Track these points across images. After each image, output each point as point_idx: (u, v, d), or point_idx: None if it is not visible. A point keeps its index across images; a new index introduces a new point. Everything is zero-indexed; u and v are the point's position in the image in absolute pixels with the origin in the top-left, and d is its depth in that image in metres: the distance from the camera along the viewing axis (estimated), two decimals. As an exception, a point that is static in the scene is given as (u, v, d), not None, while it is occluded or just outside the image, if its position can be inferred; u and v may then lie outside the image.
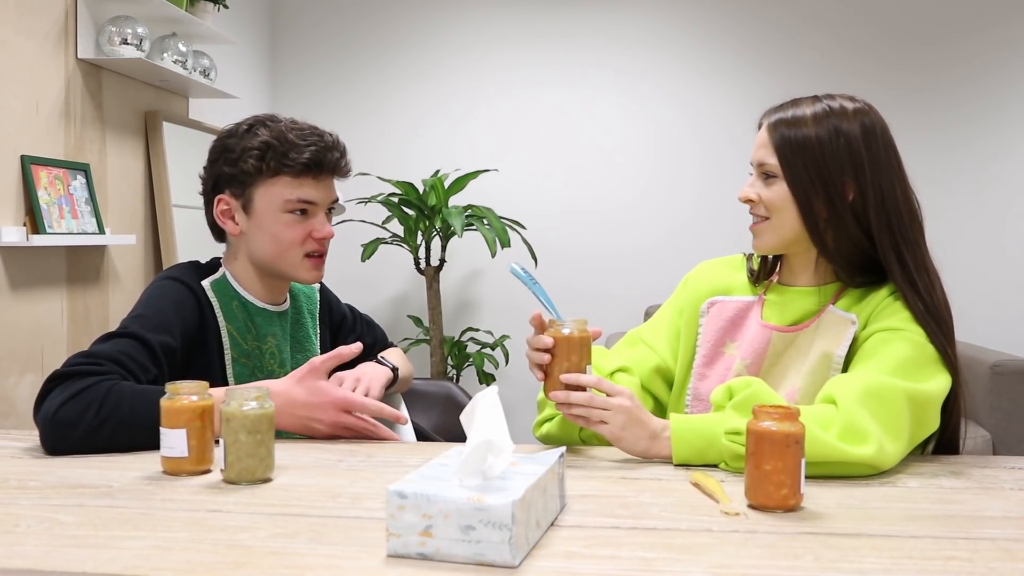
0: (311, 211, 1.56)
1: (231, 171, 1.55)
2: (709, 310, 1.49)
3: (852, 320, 1.33)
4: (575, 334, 1.26)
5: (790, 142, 1.34)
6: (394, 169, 4.06)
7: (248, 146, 1.53)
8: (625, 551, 0.90)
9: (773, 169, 1.36)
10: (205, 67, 3.19)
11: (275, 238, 1.55)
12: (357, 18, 4.26)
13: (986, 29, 3.97)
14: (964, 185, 4.01)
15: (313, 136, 1.55)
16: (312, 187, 1.55)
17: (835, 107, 1.35)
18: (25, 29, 2.45)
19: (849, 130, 1.33)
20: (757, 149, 1.39)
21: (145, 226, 3.06)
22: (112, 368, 1.37)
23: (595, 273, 4.13)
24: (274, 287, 1.63)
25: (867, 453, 1.16)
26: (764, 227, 1.39)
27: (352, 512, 1.04)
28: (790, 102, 1.39)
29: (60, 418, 1.30)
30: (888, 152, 1.36)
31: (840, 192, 1.33)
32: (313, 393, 1.42)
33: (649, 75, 4.13)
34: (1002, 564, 0.87)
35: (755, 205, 1.40)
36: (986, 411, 3.36)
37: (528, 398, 3.87)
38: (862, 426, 1.17)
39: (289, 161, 1.52)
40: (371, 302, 4.15)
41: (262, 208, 1.55)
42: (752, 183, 1.40)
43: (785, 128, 1.35)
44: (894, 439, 1.20)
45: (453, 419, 1.92)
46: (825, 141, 1.33)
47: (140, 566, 0.86)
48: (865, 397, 1.20)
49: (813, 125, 1.33)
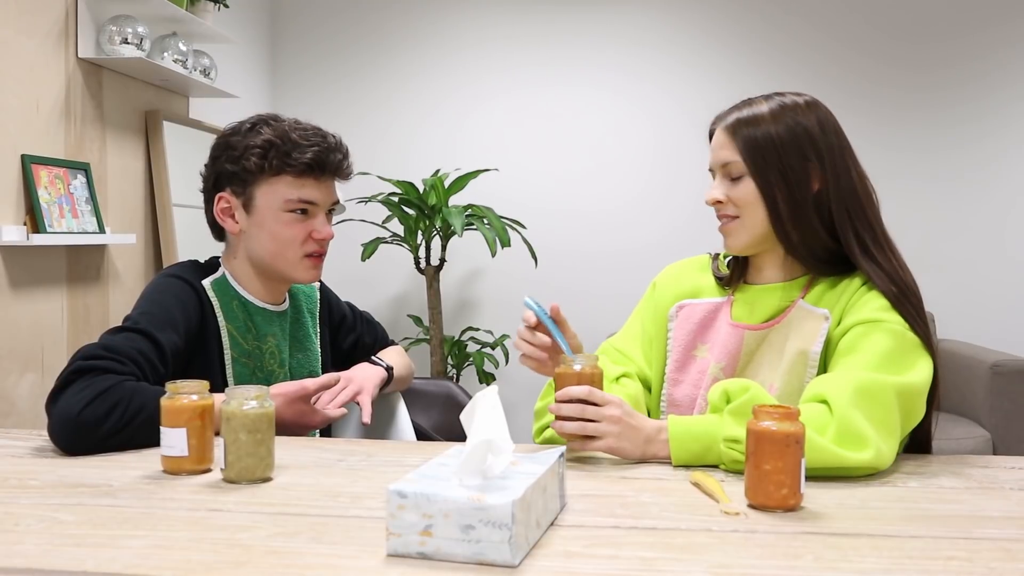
0: (312, 211, 1.56)
1: (233, 168, 1.55)
2: (678, 314, 1.50)
3: (825, 316, 1.34)
4: (586, 370, 1.27)
5: (753, 140, 1.36)
6: (394, 168, 4.06)
7: (251, 144, 1.53)
8: (625, 551, 0.90)
9: (738, 168, 1.38)
10: (205, 66, 3.19)
11: (275, 237, 1.55)
12: (357, 17, 4.26)
13: (986, 28, 3.97)
14: (965, 184, 4.01)
15: (316, 137, 1.55)
16: (313, 187, 1.55)
17: (788, 103, 1.38)
18: (25, 28, 2.45)
19: (806, 123, 1.37)
20: (718, 151, 1.40)
21: (145, 225, 3.06)
22: (131, 368, 1.37)
23: (595, 272, 4.13)
24: (272, 287, 1.63)
25: (865, 458, 1.16)
26: (735, 226, 1.41)
27: (352, 511, 1.04)
28: (743, 103, 1.42)
29: (85, 418, 1.28)
30: (840, 140, 1.40)
31: (803, 184, 1.36)
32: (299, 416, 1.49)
33: (649, 74, 4.13)
34: (1002, 564, 0.87)
35: (723, 206, 1.41)
36: (986, 411, 3.36)
37: (528, 398, 3.87)
38: (858, 430, 1.17)
39: (291, 161, 1.52)
40: (371, 302, 4.15)
41: (263, 207, 1.55)
42: (716, 185, 1.42)
43: (746, 128, 1.37)
44: (888, 437, 1.20)
45: (453, 419, 1.93)
46: (785, 135, 1.36)
47: (140, 565, 0.86)
48: (857, 397, 1.20)
49: (772, 121, 1.37)
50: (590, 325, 3.97)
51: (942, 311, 3.91)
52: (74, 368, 1.33)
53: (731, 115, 1.40)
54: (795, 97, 1.40)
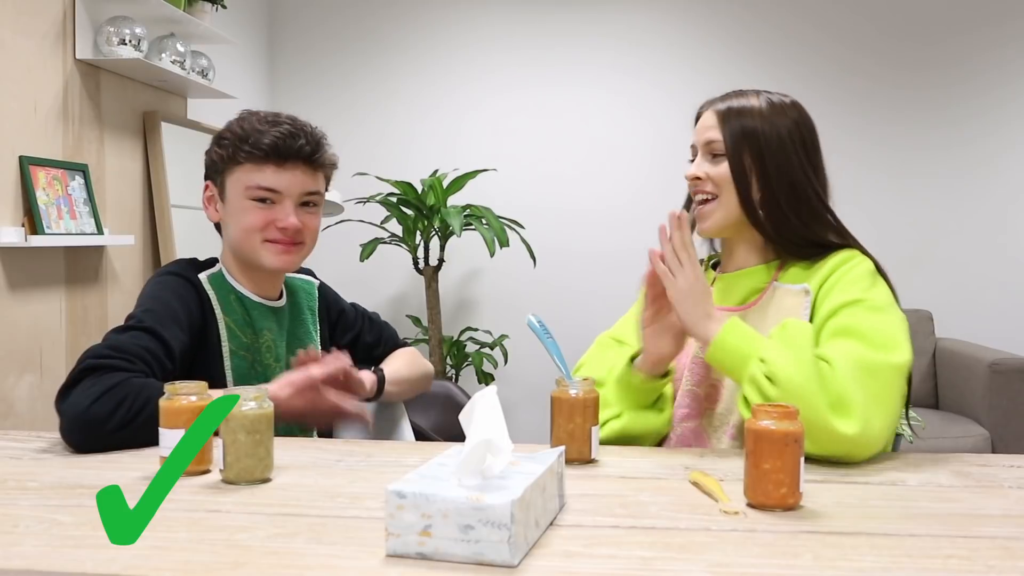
0: (276, 199, 1.55)
1: (207, 160, 1.60)
2: None
3: (804, 290, 1.38)
4: (580, 395, 1.27)
5: (740, 126, 1.42)
6: (392, 169, 4.06)
7: (219, 134, 1.57)
8: (624, 550, 0.90)
9: (720, 147, 1.43)
10: (203, 67, 3.19)
11: (238, 224, 1.56)
12: (355, 18, 4.26)
13: (984, 27, 3.97)
14: (963, 183, 4.01)
15: (284, 125, 1.54)
16: (274, 174, 1.53)
17: (775, 100, 1.44)
18: (23, 29, 2.45)
19: (790, 120, 1.43)
20: (705, 131, 1.45)
21: (143, 226, 3.06)
22: (140, 366, 1.37)
23: (594, 272, 4.13)
24: (259, 279, 1.63)
25: (850, 431, 1.18)
26: (711, 207, 1.45)
27: (351, 512, 1.04)
28: (734, 93, 1.47)
29: (93, 414, 1.29)
30: (815, 139, 1.46)
31: (781, 174, 1.40)
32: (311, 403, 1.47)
33: (647, 73, 4.13)
34: (1001, 562, 0.87)
35: (702, 182, 1.45)
36: (985, 409, 3.36)
37: (527, 398, 3.88)
38: (851, 400, 1.19)
39: (247, 147, 1.53)
40: (370, 302, 4.12)
41: (231, 195, 1.57)
42: (698, 163, 1.46)
43: (736, 116, 1.42)
44: (882, 415, 1.22)
45: (452, 419, 1.92)
46: (770, 129, 1.41)
47: (139, 566, 0.86)
48: (857, 371, 1.22)
49: (760, 115, 1.42)
50: (588, 325, 3.96)
51: (941, 310, 3.91)
52: (83, 367, 1.34)
53: (724, 102, 1.46)
54: (781, 96, 1.47)
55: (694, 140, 1.48)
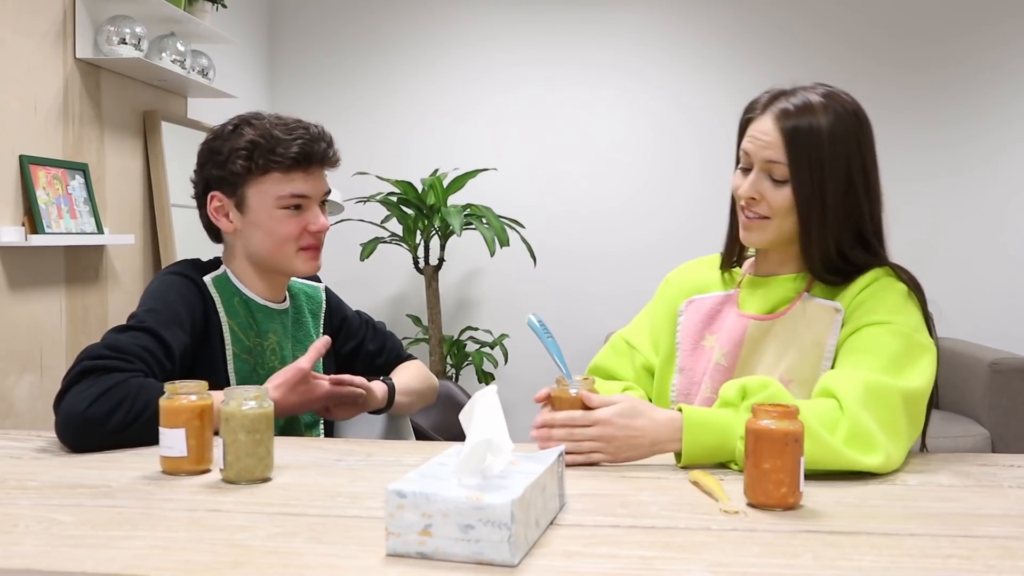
0: (304, 205, 1.56)
1: (220, 173, 1.56)
2: (687, 308, 1.51)
3: (836, 308, 1.34)
4: (580, 395, 1.26)
5: (808, 153, 1.32)
6: (393, 168, 4.06)
7: (235, 147, 1.53)
8: (624, 550, 0.90)
9: (783, 172, 1.34)
10: (203, 66, 3.19)
11: (271, 234, 1.55)
12: (355, 17, 4.26)
13: (984, 27, 3.97)
14: (963, 182, 4.01)
15: (299, 129, 1.55)
16: (303, 180, 1.55)
17: (840, 111, 1.35)
18: (23, 29, 2.45)
19: (856, 134, 1.35)
20: (765, 147, 1.35)
21: (144, 226, 3.05)
22: (138, 365, 1.37)
23: (594, 272, 4.13)
24: (273, 283, 1.63)
25: (876, 462, 1.16)
26: (762, 225, 1.38)
27: (351, 511, 1.04)
28: (795, 94, 1.37)
29: (91, 415, 1.29)
30: (874, 155, 1.39)
31: (841, 190, 1.34)
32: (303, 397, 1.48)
33: (648, 73, 4.13)
34: (1001, 562, 0.87)
35: (756, 203, 1.37)
36: (985, 409, 3.36)
37: (527, 398, 3.87)
38: (869, 432, 1.16)
39: (277, 157, 1.52)
40: (370, 301, 4.15)
41: (256, 206, 1.55)
42: (754, 181, 1.37)
43: (803, 140, 1.32)
44: (896, 441, 1.20)
45: (452, 418, 1.91)
46: (836, 155, 1.33)
47: (139, 566, 0.86)
48: (867, 398, 1.19)
49: (829, 139, 1.33)
50: (588, 324, 3.98)
51: (941, 309, 3.90)
52: (80, 368, 1.34)
53: (786, 113, 1.34)
54: (843, 103, 1.36)
55: (748, 147, 1.38)
